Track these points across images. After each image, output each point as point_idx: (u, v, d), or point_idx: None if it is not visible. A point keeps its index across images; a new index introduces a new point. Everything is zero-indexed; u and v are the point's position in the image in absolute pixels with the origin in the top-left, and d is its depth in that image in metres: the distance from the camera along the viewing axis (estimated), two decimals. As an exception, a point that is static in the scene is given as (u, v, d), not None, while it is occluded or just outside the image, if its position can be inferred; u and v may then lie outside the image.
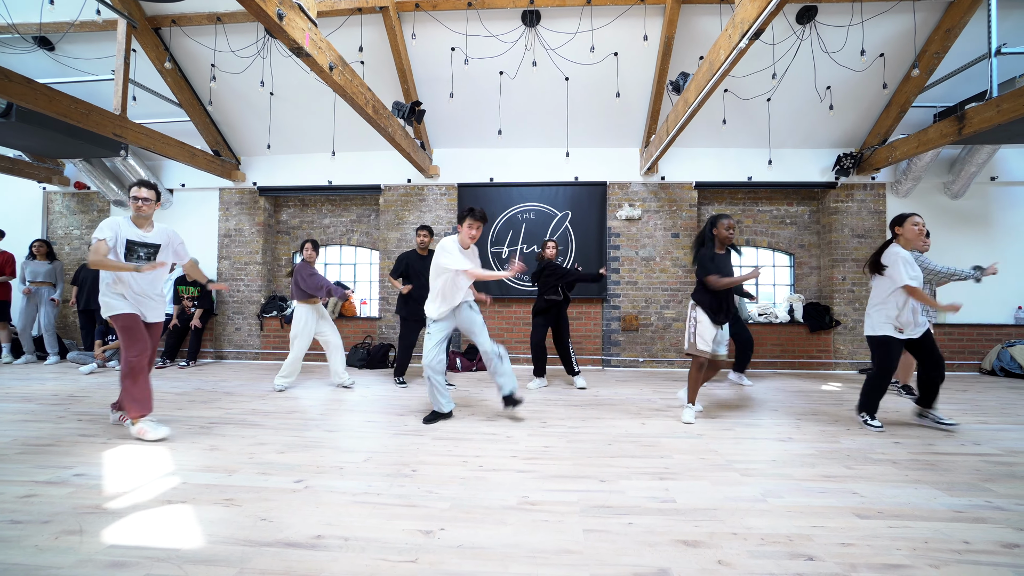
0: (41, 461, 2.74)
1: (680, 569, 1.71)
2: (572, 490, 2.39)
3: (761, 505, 2.23)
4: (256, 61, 5.48)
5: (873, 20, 4.84)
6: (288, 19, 2.89)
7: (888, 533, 1.96)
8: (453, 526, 2.01)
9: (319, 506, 2.19)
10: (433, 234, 5.02)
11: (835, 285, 6.21)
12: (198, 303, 6.45)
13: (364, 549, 1.82)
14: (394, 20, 4.94)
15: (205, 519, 2.05)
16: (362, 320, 6.71)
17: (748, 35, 2.83)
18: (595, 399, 4.47)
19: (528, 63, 5.30)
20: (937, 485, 2.47)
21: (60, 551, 1.80)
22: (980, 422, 3.72)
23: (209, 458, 2.82)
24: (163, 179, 6.94)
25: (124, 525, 2.00)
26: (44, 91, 4.03)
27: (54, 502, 2.21)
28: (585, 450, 3.01)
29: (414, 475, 2.58)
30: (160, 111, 6.18)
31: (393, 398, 4.47)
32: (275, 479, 2.51)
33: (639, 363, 6.25)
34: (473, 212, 3.46)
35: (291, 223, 7.20)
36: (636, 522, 2.05)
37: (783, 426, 3.57)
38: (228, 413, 3.89)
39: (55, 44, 5.55)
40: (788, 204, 6.60)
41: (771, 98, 5.61)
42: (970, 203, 6.19)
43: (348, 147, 6.48)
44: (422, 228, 4.94)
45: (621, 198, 6.34)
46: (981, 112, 4.22)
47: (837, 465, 2.76)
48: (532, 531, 1.98)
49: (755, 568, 1.72)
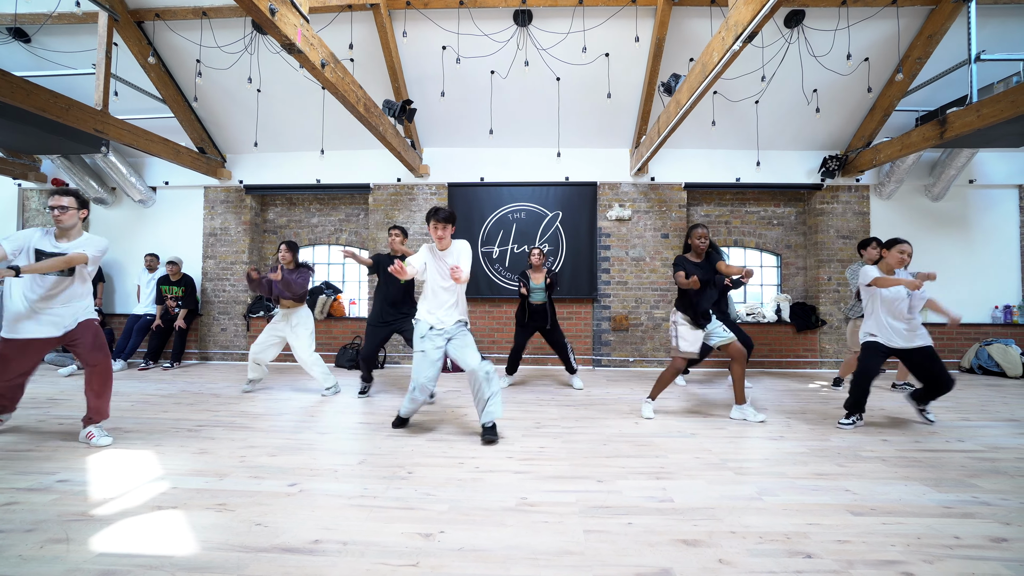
0: (21, 467, 2.65)
1: (682, 569, 1.71)
2: (570, 491, 2.39)
3: (757, 504, 2.25)
4: (243, 57, 5.37)
5: (858, 25, 4.93)
6: (280, 14, 2.83)
7: (882, 530, 2.00)
8: (452, 529, 1.99)
9: (315, 510, 2.16)
10: (407, 235, 4.50)
11: (821, 285, 6.32)
12: (182, 303, 6.31)
13: (363, 553, 1.80)
14: (385, 18, 4.89)
15: (198, 525, 2.01)
16: (351, 320, 6.62)
17: (742, 38, 2.86)
18: (587, 399, 4.49)
19: (519, 63, 5.29)
20: (926, 481, 2.52)
21: (46, 560, 1.74)
22: (962, 419, 3.82)
23: (199, 462, 2.76)
24: (146, 176, 6.78)
25: (113, 532, 1.94)
26: (22, 84, 3.90)
27: (37, 510, 2.14)
28: (581, 450, 3.02)
29: (410, 477, 2.55)
30: (143, 107, 6.02)
31: (384, 399, 4.42)
32: (268, 483, 2.47)
33: (629, 363, 6.28)
34: (436, 213, 3.17)
35: (278, 222, 7.08)
36: (635, 522, 2.06)
37: (774, 424, 3.62)
38: (216, 416, 3.81)
39: (31, 36, 5.37)
40: (775, 205, 6.69)
41: (759, 100, 5.68)
42: (949, 205, 6.35)
43: (337, 145, 6.39)
44: (394, 228, 4.40)
45: (611, 198, 6.37)
46: (962, 116, 4.33)
47: (828, 463, 2.81)
48: (532, 532, 1.97)
49: (755, 566, 1.73)
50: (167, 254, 6.62)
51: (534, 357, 6.35)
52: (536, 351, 6.32)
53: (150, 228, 6.87)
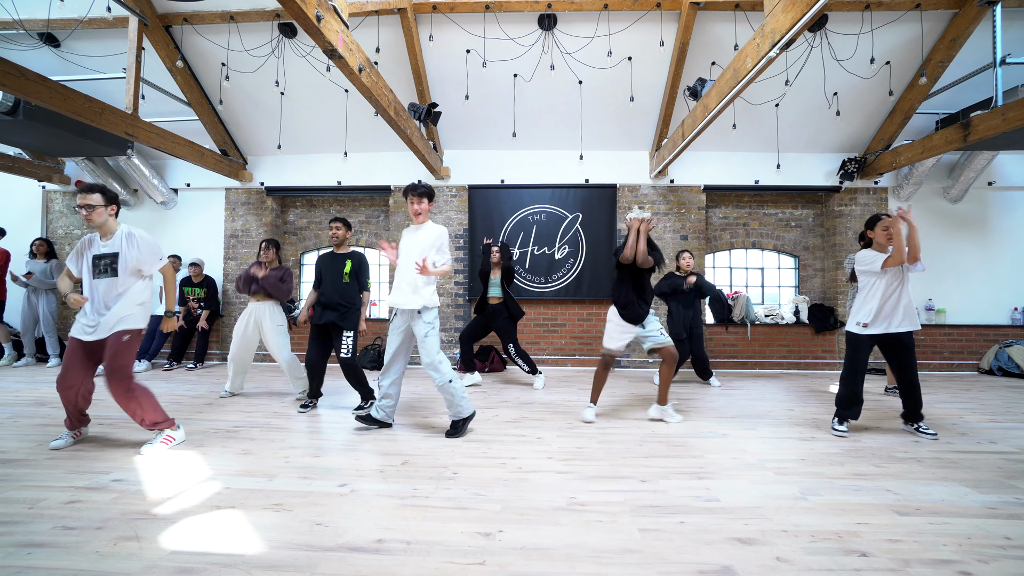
0: (74, 467, 2.71)
1: (743, 566, 1.75)
2: (616, 490, 2.43)
3: (803, 503, 2.29)
4: (266, 61, 5.43)
5: (881, 29, 4.96)
6: (325, 21, 2.89)
7: (931, 529, 2.04)
8: (510, 528, 2.03)
9: (370, 510, 2.20)
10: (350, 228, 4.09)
11: (839, 287, 6.35)
12: (204, 304, 6.38)
13: (429, 552, 1.84)
14: (411, 22, 4.94)
15: (259, 524, 2.05)
16: (372, 321, 6.68)
17: (779, 45, 2.89)
18: (612, 399, 4.52)
19: (543, 67, 5.34)
20: (965, 482, 2.55)
21: (122, 557, 1.79)
22: (990, 420, 3.84)
23: (244, 462, 2.81)
24: (168, 179, 6.85)
25: (178, 531, 1.99)
26: (59, 89, 3.96)
27: (100, 508, 2.19)
28: (618, 450, 3.06)
29: (456, 478, 2.59)
30: (166, 110, 6.09)
31: (413, 400, 4.47)
32: (318, 483, 2.51)
33: (648, 364, 6.32)
34: (414, 188, 3.30)
35: (298, 223, 7.15)
36: (687, 521, 2.10)
37: (802, 426, 3.65)
38: (250, 417, 3.86)
39: (61, 41, 5.44)
40: (793, 207, 6.72)
41: (779, 103, 5.71)
42: (968, 207, 6.37)
43: (357, 148, 6.45)
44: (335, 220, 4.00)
45: (631, 200, 6.41)
46: (987, 120, 4.35)
47: (865, 463, 2.84)
48: (588, 531, 2.01)
49: (813, 564, 1.77)
50: (189, 256, 6.69)
51: (563, 359, 6.39)
52: (567, 352, 6.37)
53: (172, 230, 6.93)
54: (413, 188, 3.32)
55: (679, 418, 3.71)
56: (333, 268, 3.93)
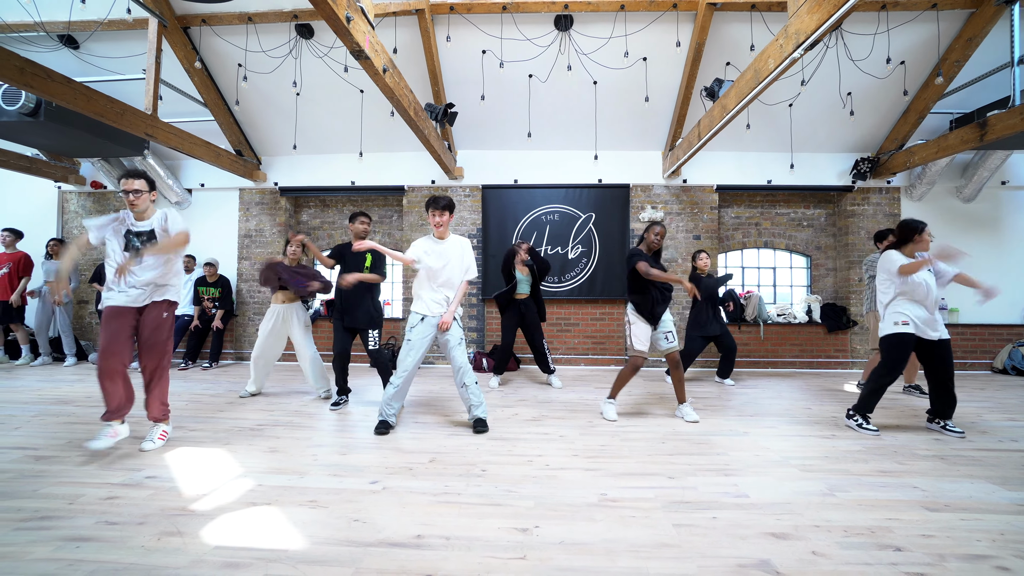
0: (107, 464, 2.74)
1: (780, 560, 1.78)
2: (646, 487, 2.45)
3: (831, 499, 2.31)
4: (281, 61, 5.47)
5: (897, 28, 4.97)
6: (354, 23, 2.92)
7: (963, 525, 2.05)
8: (546, 523, 2.06)
9: (405, 507, 2.23)
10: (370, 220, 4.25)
11: (851, 286, 6.36)
12: (219, 304, 6.42)
13: (469, 548, 1.87)
14: (428, 22, 4.97)
15: (297, 520, 2.08)
16: (386, 321, 6.70)
17: (804, 46, 2.91)
18: (630, 398, 4.54)
19: (559, 67, 5.36)
20: (991, 480, 2.57)
21: (168, 552, 1.82)
22: (1009, 419, 3.85)
23: (273, 460, 2.84)
24: (182, 179, 6.89)
25: (218, 526, 2.02)
26: (83, 90, 4.01)
27: (139, 504, 2.23)
28: (642, 448, 3.08)
29: (485, 475, 2.62)
30: (181, 110, 6.13)
31: (430, 398, 4.50)
32: (350, 480, 2.54)
33: (663, 362, 6.34)
34: (435, 201, 3.37)
35: (312, 223, 7.19)
36: (720, 516, 2.12)
37: (822, 424, 3.67)
38: (272, 415, 3.90)
39: (80, 43, 5.49)
40: (805, 207, 6.73)
41: (793, 103, 5.72)
42: (981, 206, 6.37)
43: (371, 148, 6.48)
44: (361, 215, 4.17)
45: (644, 200, 6.42)
46: (1004, 119, 4.35)
47: (888, 461, 2.86)
48: (624, 526, 2.04)
49: (849, 558, 1.80)
50: (203, 255, 6.73)
51: (576, 358, 6.42)
52: (580, 352, 6.39)
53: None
54: (435, 201, 3.38)
55: (696, 417, 3.73)
56: (354, 260, 4.09)
